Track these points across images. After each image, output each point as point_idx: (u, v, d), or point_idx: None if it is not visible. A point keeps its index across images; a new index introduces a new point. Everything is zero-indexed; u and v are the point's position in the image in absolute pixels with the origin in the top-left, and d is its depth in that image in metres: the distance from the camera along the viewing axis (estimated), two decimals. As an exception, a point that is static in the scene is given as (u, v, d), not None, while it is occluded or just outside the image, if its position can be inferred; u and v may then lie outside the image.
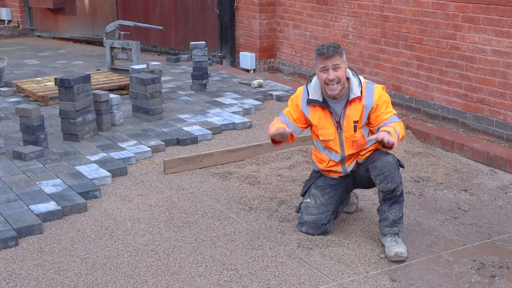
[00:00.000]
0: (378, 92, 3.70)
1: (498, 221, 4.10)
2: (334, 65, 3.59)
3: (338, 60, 3.59)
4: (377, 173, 3.58)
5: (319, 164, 3.91)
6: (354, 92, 3.68)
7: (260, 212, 4.17)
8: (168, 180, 4.72)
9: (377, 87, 3.73)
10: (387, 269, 3.45)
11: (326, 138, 3.77)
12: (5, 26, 12.10)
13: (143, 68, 6.60)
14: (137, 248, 3.66)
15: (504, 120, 5.41)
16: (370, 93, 3.69)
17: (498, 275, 3.39)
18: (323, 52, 3.59)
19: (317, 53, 3.64)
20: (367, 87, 3.71)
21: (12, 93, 7.08)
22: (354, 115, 3.69)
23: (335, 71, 3.59)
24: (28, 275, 3.36)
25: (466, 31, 5.66)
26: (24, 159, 4.91)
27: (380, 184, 3.60)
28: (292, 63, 8.22)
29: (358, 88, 3.68)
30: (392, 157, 3.62)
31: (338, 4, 7.19)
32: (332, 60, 3.58)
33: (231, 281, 3.31)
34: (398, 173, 3.61)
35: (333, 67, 3.59)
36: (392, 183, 3.57)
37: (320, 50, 3.62)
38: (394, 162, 3.60)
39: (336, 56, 3.59)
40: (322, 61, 3.61)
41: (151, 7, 10.00)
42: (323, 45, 3.64)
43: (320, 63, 3.62)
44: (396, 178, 3.58)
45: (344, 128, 3.71)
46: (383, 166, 3.56)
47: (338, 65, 3.59)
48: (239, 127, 6.02)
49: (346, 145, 3.74)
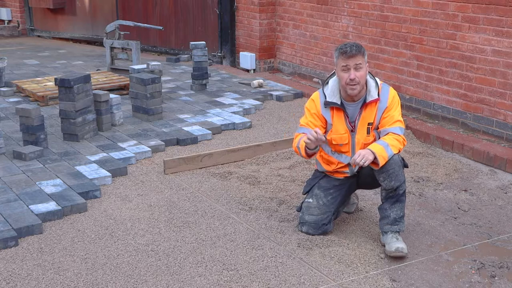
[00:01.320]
0: (392, 93, 3.69)
1: (498, 221, 4.10)
2: (356, 64, 3.53)
3: (360, 60, 3.54)
4: (381, 171, 3.57)
5: (326, 166, 3.86)
6: (371, 95, 3.63)
7: (260, 212, 4.17)
8: (168, 180, 4.72)
9: (392, 89, 3.73)
10: (387, 269, 3.45)
11: (339, 143, 3.72)
12: (5, 26, 12.10)
13: (143, 68, 6.60)
14: (137, 248, 3.66)
15: (504, 120, 5.40)
16: (385, 94, 3.67)
17: (498, 275, 3.39)
18: (346, 51, 3.53)
19: (339, 51, 3.57)
20: (383, 88, 3.69)
21: (12, 93, 7.08)
22: (369, 117, 3.66)
23: (356, 71, 3.54)
24: (28, 275, 3.36)
25: (466, 31, 5.66)
26: (24, 159, 4.91)
27: (384, 182, 3.59)
28: (292, 63, 8.22)
29: (375, 90, 3.64)
30: (397, 155, 3.60)
31: (338, 4, 7.19)
32: (355, 59, 3.53)
33: (231, 281, 3.31)
34: (402, 172, 3.61)
35: (355, 66, 3.54)
36: (396, 181, 3.57)
37: (342, 49, 3.55)
38: (399, 160, 3.59)
39: (358, 55, 3.53)
40: (345, 59, 3.55)
41: (151, 7, 10.00)
42: (346, 44, 3.57)
43: (342, 61, 3.56)
44: (400, 176, 3.58)
45: (358, 130, 3.68)
46: (388, 163, 3.54)
47: (360, 65, 3.54)
48: (239, 127, 6.02)
49: (357, 147, 3.70)
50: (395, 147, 3.55)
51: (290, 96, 7.13)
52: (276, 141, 5.35)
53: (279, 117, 6.43)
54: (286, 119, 6.36)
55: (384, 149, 3.50)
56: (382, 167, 3.55)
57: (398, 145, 3.57)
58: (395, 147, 3.55)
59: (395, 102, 3.68)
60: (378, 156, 3.48)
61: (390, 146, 3.52)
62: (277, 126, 6.12)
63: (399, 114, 3.68)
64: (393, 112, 3.65)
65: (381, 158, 3.49)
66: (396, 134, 3.60)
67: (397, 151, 3.57)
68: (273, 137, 5.73)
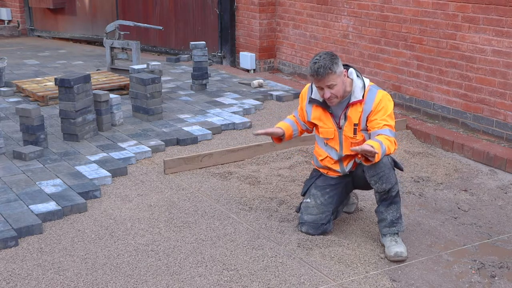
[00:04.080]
0: (379, 97, 3.61)
1: (498, 221, 4.10)
2: (328, 85, 3.54)
3: (331, 79, 3.51)
4: (371, 174, 3.58)
5: (318, 157, 3.91)
6: (355, 96, 3.63)
7: (260, 212, 4.17)
8: (168, 180, 4.72)
9: (380, 93, 3.64)
10: (387, 269, 3.45)
11: (326, 136, 3.78)
12: (5, 26, 12.10)
13: (143, 68, 6.60)
14: (137, 248, 3.66)
15: (504, 120, 5.41)
16: (371, 97, 3.62)
17: (498, 275, 3.39)
18: (313, 75, 3.53)
19: (309, 72, 3.57)
20: (370, 90, 3.64)
21: (12, 93, 7.08)
22: (354, 118, 3.65)
23: (330, 89, 3.56)
24: (28, 275, 3.36)
25: (466, 31, 5.66)
26: (24, 159, 4.91)
27: (375, 185, 3.60)
28: (292, 63, 8.22)
29: (360, 91, 3.62)
30: (387, 157, 3.59)
31: (338, 4, 7.19)
32: (325, 80, 3.52)
33: (231, 281, 3.31)
34: (393, 173, 3.60)
35: (328, 86, 3.55)
36: (387, 183, 3.57)
37: (311, 71, 3.54)
38: (388, 163, 3.58)
39: (328, 75, 3.50)
40: (316, 81, 3.57)
41: (151, 7, 10.00)
42: (315, 63, 3.52)
43: (315, 82, 3.60)
44: (390, 178, 3.57)
45: (345, 129, 3.70)
46: (378, 166, 3.54)
47: (332, 84, 3.54)
48: (239, 127, 6.02)
49: (345, 144, 3.73)
50: (388, 147, 3.53)
51: (290, 96, 7.13)
52: (276, 141, 5.35)
53: (279, 117, 6.42)
54: (286, 119, 6.35)
55: (379, 145, 3.48)
56: (372, 170, 3.55)
57: (391, 145, 3.55)
58: (388, 147, 3.53)
59: (381, 105, 3.60)
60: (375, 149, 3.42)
61: (384, 144, 3.51)
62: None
63: (390, 118, 3.62)
64: (381, 115, 3.59)
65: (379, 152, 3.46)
66: (387, 135, 3.57)
67: (389, 152, 3.55)
68: (273, 137, 5.73)
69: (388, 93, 3.78)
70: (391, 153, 3.58)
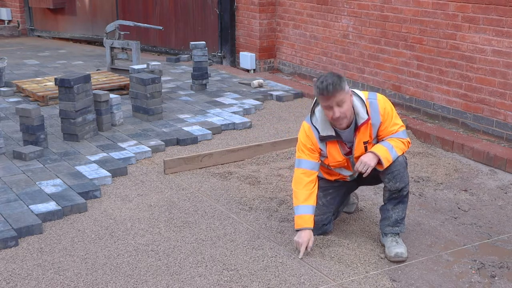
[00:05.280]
0: (382, 106, 3.53)
1: (498, 221, 4.10)
2: (337, 102, 3.38)
3: (341, 96, 3.35)
4: (386, 172, 3.54)
5: (327, 176, 3.81)
6: (361, 117, 3.48)
7: (260, 212, 4.17)
8: (168, 180, 4.72)
9: (380, 101, 3.55)
10: (387, 269, 3.45)
11: (338, 167, 3.66)
12: (5, 26, 12.10)
13: (143, 68, 6.60)
14: (137, 248, 3.66)
15: (504, 120, 5.40)
16: (375, 110, 3.52)
17: (498, 275, 3.39)
18: (323, 93, 3.34)
19: (317, 91, 3.37)
20: (371, 104, 3.52)
21: (12, 93, 7.08)
22: (364, 137, 3.54)
23: (340, 107, 3.39)
24: (28, 275, 3.36)
25: (466, 31, 5.66)
26: (24, 159, 4.91)
27: (389, 183, 3.57)
28: (292, 63, 8.22)
29: (364, 111, 3.48)
30: (402, 157, 3.57)
31: (338, 4, 7.19)
32: (335, 98, 3.34)
33: (231, 281, 3.31)
34: (407, 173, 3.59)
35: (337, 104, 3.38)
36: (401, 182, 3.55)
37: (320, 89, 3.35)
38: (403, 161, 3.57)
39: (338, 92, 3.33)
40: (324, 100, 3.37)
41: (151, 7, 10.00)
42: (322, 81, 3.34)
43: (322, 101, 3.40)
44: (405, 177, 3.56)
45: (355, 152, 3.59)
46: (393, 165, 3.52)
47: (341, 100, 3.36)
48: (239, 127, 6.02)
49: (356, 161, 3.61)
50: (399, 148, 3.51)
51: (290, 96, 7.13)
52: (276, 141, 5.35)
53: (279, 117, 6.43)
54: (286, 119, 6.36)
55: (388, 150, 3.47)
56: (387, 168, 3.52)
57: (402, 146, 3.53)
58: (399, 148, 3.51)
59: (387, 112, 3.53)
60: (382, 159, 3.45)
61: (394, 147, 3.49)
62: (277, 126, 6.12)
63: (397, 119, 3.59)
64: (389, 122, 3.54)
65: (385, 160, 3.47)
66: (400, 138, 3.55)
67: (401, 153, 3.54)
68: (273, 137, 5.73)
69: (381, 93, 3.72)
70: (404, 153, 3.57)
